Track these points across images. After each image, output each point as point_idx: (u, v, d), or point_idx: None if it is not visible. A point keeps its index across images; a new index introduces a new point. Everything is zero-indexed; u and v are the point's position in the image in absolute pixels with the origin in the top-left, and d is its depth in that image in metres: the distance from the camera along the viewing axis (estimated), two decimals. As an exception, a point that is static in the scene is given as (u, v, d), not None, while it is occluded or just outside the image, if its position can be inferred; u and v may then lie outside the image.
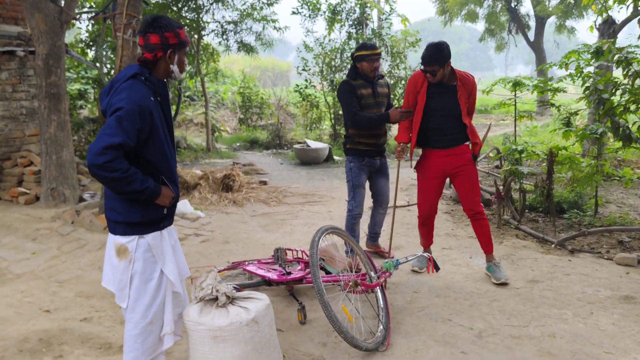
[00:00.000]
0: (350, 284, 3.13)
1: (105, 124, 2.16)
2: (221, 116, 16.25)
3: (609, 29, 8.59)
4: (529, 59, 63.36)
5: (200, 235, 5.32)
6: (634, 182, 7.19)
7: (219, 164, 10.12)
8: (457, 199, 6.41)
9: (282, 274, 3.61)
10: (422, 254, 3.76)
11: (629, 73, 4.88)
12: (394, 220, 4.27)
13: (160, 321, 2.37)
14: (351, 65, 4.29)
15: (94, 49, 10.79)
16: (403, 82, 11.79)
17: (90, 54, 11.04)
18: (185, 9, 10.98)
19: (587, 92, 5.28)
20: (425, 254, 3.72)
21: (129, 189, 2.16)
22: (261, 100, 14.50)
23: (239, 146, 13.29)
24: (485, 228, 4.05)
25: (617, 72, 5.94)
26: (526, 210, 5.81)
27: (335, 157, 10.84)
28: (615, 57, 4.96)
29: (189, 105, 15.73)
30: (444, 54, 3.74)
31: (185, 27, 8.63)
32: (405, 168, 8.05)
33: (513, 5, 21.02)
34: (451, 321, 3.35)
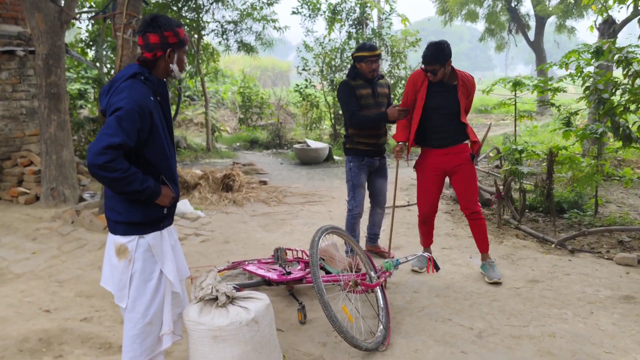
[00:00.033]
0: (350, 283, 3.13)
1: (105, 123, 2.15)
2: (221, 116, 16.25)
3: (609, 28, 8.59)
4: (529, 58, 63.39)
5: (200, 235, 5.32)
6: (634, 182, 7.18)
7: (219, 164, 10.11)
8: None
9: (282, 274, 3.60)
10: (422, 254, 3.76)
11: (629, 73, 4.88)
12: (393, 220, 4.27)
13: (160, 321, 2.37)
14: (351, 65, 4.29)
15: (94, 48, 10.80)
16: (403, 82, 11.78)
17: (90, 53, 11.04)
18: (185, 8, 10.98)
19: (587, 92, 5.29)
20: (425, 254, 3.72)
21: (129, 188, 2.15)
22: (261, 100, 14.50)
23: (239, 146, 13.28)
24: (481, 227, 4.06)
25: (617, 72, 5.93)
26: (526, 210, 5.81)
27: (335, 157, 10.83)
28: (615, 57, 4.96)
29: (189, 105, 15.73)
30: (445, 53, 3.74)
31: (185, 27, 8.65)
32: (405, 168, 8.04)
33: (513, 5, 21.01)
34: (451, 321, 3.35)
